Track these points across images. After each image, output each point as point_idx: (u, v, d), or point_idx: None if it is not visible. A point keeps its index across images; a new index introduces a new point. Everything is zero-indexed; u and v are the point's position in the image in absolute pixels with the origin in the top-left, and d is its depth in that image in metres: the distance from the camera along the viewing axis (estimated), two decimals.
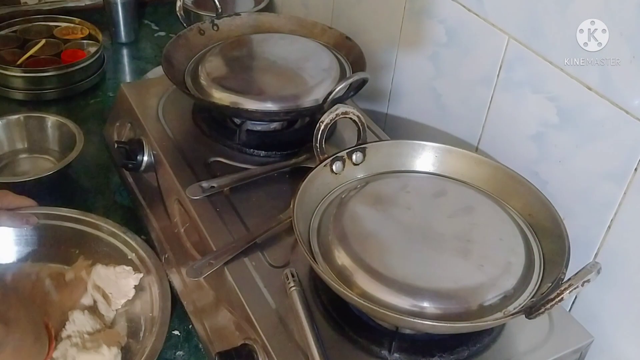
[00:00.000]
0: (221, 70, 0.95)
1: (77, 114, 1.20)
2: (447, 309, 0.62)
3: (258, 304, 0.70)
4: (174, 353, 0.80)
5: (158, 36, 1.48)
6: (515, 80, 0.81)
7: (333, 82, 0.92)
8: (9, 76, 1.21)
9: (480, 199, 0.75)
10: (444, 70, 0.94)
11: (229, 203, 0.82)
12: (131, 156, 0.94)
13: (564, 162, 0.77)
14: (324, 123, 0.74)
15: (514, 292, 0.65)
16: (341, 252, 0.67)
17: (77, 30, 1.38)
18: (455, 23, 0.89)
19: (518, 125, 0.82)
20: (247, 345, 0.68)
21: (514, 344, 0.69)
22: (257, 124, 0.93)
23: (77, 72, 1.25)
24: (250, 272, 0.73)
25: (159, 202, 0.91)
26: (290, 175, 0.87)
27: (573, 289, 0.57)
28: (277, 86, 0.92)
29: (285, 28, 1.07)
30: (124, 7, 1.39)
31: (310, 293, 0.71)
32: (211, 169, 0.88)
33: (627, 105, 0.68)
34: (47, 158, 1.09)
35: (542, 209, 0.71)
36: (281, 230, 0.78)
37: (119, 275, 0.81)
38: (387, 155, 0.80)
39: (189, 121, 0.97)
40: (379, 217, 0.72)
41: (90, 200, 1.01)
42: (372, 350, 0.66)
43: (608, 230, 0.73)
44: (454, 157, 0.79)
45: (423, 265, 0.66)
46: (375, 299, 0.63)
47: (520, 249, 0.69)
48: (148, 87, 1.06)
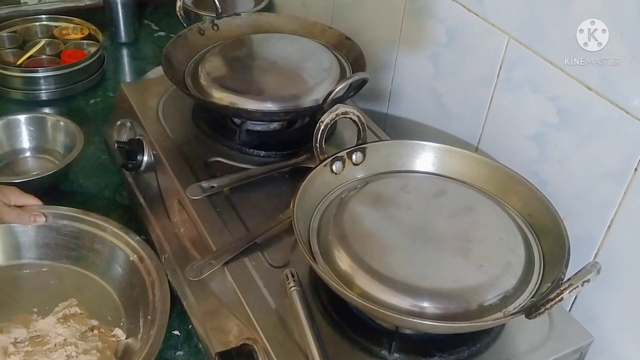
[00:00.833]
0: (221, 70, 0.95)
1: (77, 114, 1.20)
2: (447, 309, 0.62)
3: (258, 304, 0.70)
4: (174, 353, 0.80)
5: (158, 36, 1.48)
6: (515, 80, 0.81)
7: (333, 82, 0.92)
8: (9, 76, 1.22)
9: (480, 199, 0.75)
10: (444, 70, 0.94)
11: (229, 203, 0.82)
12: (131, 156, 0.94)
13: (564, 162, 0.77)
14: (324, 123, 0.73)
15: (514, 292, 0.64)
16: (341, 252, 0.67)
17: (77, 30, 1.38)
18: (455, 23, 0.89)
19: (518, 125, 0.82)
20: (247, 345, 0.68)
21: (514, 344, 0.69)
22: (257, 124, 0.93)
23: (77, 72, 1.25)
24: (250, 272, 0.73)
25: (159, 202, 0.91)
26: (290, 175, 0.87)
27: (573, 289, 0.57)
28: (277, 86, 0.92)
29: (285, 28, 1.07)
30: (124, 7, 1.39)
31: (310, 293, 0.71)
32: (211, 169, 0.88)
33: (627, 105, 0.68)
34: (47, 158, 1.10)
35: (542, 209, 0.71)
36: (281, 230, 0.78)
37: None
38: (387, 155, 0.80)
39: (189, 121, 0.97)
40: (379, 217, 0.72)
41: (90, 200, 1.01)
42: (372, 350, 0.66)
43: (608, 230, 0.73)
44: (454, 157, 0.79)
45: (423, 265, 0.66)
46: (375, 299, 0.63)
47: (520, 249, 0.69)
48: (148, 87, 1.06)
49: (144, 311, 0.80)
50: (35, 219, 0.87)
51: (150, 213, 0.93)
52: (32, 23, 1.37)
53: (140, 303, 0.82)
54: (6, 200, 0.85)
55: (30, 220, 0.86)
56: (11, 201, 0.86)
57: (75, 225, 0.89)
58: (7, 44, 1.31)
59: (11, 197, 0.86)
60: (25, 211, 0.86)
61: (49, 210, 0.89)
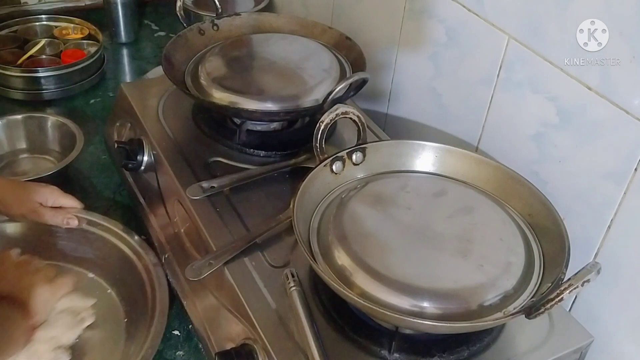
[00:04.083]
0: (221, 70, 0.95)
1: (77, 114, 1.20)
2: (447, 309, 0.62)
3: (258, 304, 0.70)
4: (174, 353, 0.80)
5: (158, 36, 1.48)
6: (515, 80, 0.81)
7: (333, 82, 0.92)
8: (9, 76, 1.21)
9: (480, 199, 0.75)
10: (444, 70, 0.94)
11: (229, 203, 0.82)
12: (131, 156, 0.94)
13: (564, 162, 0.77)
14: (324, 123, 0.73)
15: (514, 292, 0.64)
16: (341, 252, 0.67)
17: (77, 30, 1.38)
18: (455, 23, 0.89)
19: (518, 125, 0.82)
20: (247, 345, 0.68)
21: (514, 344, 0.69)
22: (257, 124, 0.93)
23: (77, 72, 1.25)
24: (250, 272, 0.73)
25: (159, 202, 0.91)
26: (290, 175, 0.87)
27: (573, 289, 0.57)
28: (277, 86, 0.92)
29: (285, 28, 1.07)
30: (124, 7, 1.39)
31: (310, 293, 0.71)
32: (211, 169, 0.88)
33: (627, 105, 0.68)
34: (47, 158, 1.10)
35: (542, 209, 0.71)
36: (281, 230, 0.78)
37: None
38: (387, 155, 0.80)
39: (189, 121, 0.97)
40: (379, 217, 0.72)
41: (90, 200, 1.01)
42: (372, 350, 0.66)
43: (608, 230, 0.73)
44: (454, 157, 0.79)
45: (423, 265, 0.66)
46: (375, 299, 0.63)
47: (520, 249, 0.69)
48: (148, 87, 1.06)
49: (144, 311, 0.80)
50: (69, 221, 0.85)
51: (150, 213, 0.93)
52: (32, 23, 1.37)
53: (140, 303, 0.82)
54: (43, 200, 0.85)
55: (64, 223, 0.85)
56: (48, 202, 0.85)
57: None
58: (7, 44, 1.31)
59: (49, 197, 0.85)
60: (60, 213, 0.85)
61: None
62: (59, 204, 0.86)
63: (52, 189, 0.86)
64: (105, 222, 0.89)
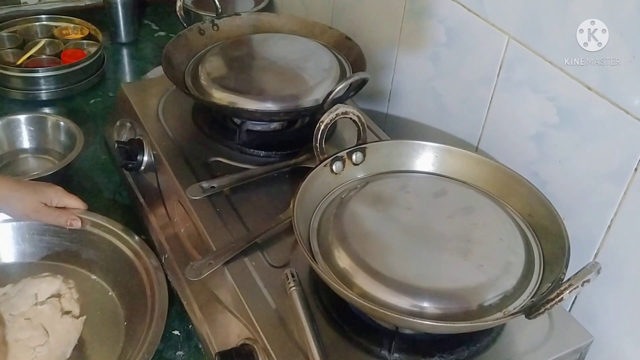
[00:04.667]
0: (221, 70, 0.95)
1: (77, 114, 1.20)
2: (447, 309, 0.62)
3: (258, 304, 0.70)
4: (174, 353, 0.80)
5: (158, 36, 1.48)
6: (515, 80, 0.81)
7: (333, 82, 0.92)
8: (9, 76, 1.22)
9: (480, 199, 0.75)
10: (444, 70, 0.94)
11: (229, 203, 0.82)
12: (131, 156, 0.94)
13: (564, 162, 0.77)
14: (324, 123, 0.74)
15: (514, 292, 0.64)
16: (341, 252, 0.67)
17: (77, 30, 1.38)
18: (455, 23, 0.89)
19: (518, 125, 0.82)
20: (247, 345, 0.68)
21: (514, 344, 0.69)
22: (257, 123, 0.93)
23: (77, 72, 1.25)
24: (250, 272, 0.73)
25: (159, 202, 0.91)
26: (290, 175, 0.87)
27: (573, 289, 0.57)
28: (277, 86, 0.92)
29: (285, 28, 1.07)
30: (124, 7, 1.39)
31: (310, 293, 0.71)
32: (211, 169, 0.88)
33: (627, 105, 0.68)
34: (47, 158, 1.10)
35: (542, 209, 0.71)
36: (281, 230, 0.78)
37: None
38: (387, 155, 0.80)
39: (189, 121, 0.97)
40: (379, 217, 0.72)
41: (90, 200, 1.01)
42: (372, 350, 0.66)
43: (608, 230, 0.73)
44: (454, 157, 0.79)
45: (423, 265, 0.66)
46: (375, 299, 0.63)
47: (520, 249, 0.69)
48: (148, 87, 1.06)
49: (143, 311, 0.80)
50: (72, 222, 0.85)
51: (150, 213, 0.93)
52: (32, 23, 1.37)
53: (140, 303, 0.82)
54: (47, 200, 0.84)
55: (67, 224, 0.85)
56: (52, 202, 0.85)
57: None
58: (7, 44, 1.31)
59: (53, 197, 0.85)
60: (64, 214, 0.85)
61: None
62: (63, 204, 0.86)
63: (57, 189, 0.86)
64: (106, 224, 0.88)
